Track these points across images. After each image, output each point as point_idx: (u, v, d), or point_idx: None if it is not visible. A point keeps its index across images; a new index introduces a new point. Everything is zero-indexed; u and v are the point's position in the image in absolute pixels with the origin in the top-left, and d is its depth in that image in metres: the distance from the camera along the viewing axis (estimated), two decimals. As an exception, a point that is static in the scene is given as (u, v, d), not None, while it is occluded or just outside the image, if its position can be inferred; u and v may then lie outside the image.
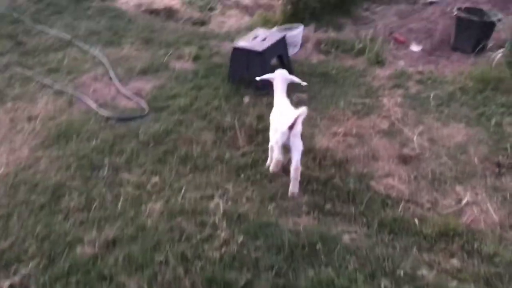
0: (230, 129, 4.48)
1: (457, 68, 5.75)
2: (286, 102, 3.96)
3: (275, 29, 6.27)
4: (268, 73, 4.21)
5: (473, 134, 4.36)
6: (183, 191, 3.64)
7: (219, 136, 4.38)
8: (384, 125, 4.50)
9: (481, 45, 6.38)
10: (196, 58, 5.92)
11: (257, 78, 4.22)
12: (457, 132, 4.39)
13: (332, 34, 6.62)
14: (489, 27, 6.44)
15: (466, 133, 4.37)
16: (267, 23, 6.94)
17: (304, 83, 4.15)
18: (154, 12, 7.39)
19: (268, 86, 4.90)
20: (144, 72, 5.61)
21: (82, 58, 5.87)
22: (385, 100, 4.87)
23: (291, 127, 3.48)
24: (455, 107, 4.77)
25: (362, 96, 5.00)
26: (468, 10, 6.64)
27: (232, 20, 7.17)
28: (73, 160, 3.98)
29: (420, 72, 5.48)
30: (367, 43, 6.01)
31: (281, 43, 5.30)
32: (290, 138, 3.52)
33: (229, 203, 3.53)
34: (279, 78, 4.07)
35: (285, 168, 3.76)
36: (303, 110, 3.44)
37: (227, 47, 6.27)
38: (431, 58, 6.26)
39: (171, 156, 4.07)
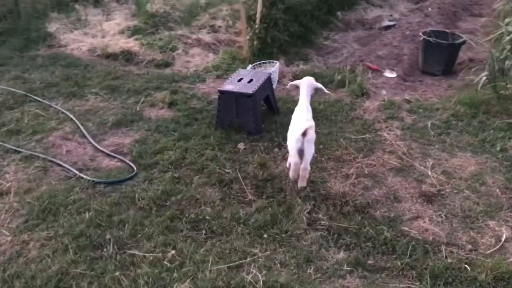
0: (234, 182, 4.14)
1: (440, 93, 5.78)
2: (305, 109, 4.17)
3: (249, 67, 6.02)
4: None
5: (483, 163, 4.30)
6: (207, 263, 3.22)
7: (225, 191, 4.01)
8: (394, 161, 4.33)
9: (452, 67, 6.51)
10: (172, 104, 5.53)
11: (288, 86, 4.56)
12: (467, 162, 4.30)
13: (304, 67, 6.47)
14: (457, 49, 6.58)
15: (476, 163, 4.30)
16: (234, 61, 6.70)
17: (328, 92, 4.59)
18: (110, 56, 6.90)
19: (262, 130, 4.65)
20: (118, 125, 5.13)
21: (44, 114, 5.29)
22: (385, 134, 4.73)
23: (304, 134, 3.75)
24: (455, 135, 4.72)
25: (360, 132, 4.83)
26: (433, 33, 6.74)
27: (197, 59, 6.84)
28: (69, 239, 3.46)
29: (407, 101, 5.43)
30: (346, 74, 5.89)
31: (268, 83, 5.06)
32: (304, 143, 3.78)
33: (263, 271, 3.16)
34: (305, 83, 4.32)
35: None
36: (310, 124, 3.85)
37: (201, 89, 5.95)
38: (408, 84, 6.28)
39: (180, 222, 3.65)
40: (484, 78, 5.13)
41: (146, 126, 5.08)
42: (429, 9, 9.05)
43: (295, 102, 5.23)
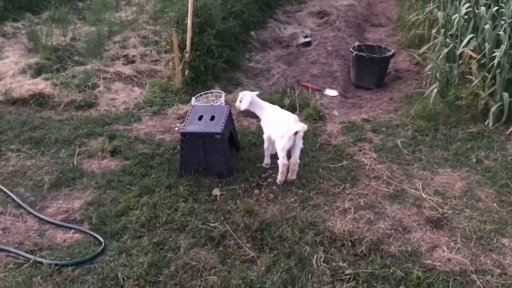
0: (226, 238, 3.66)
1: (388, 109, 5.78)
2: (278, 109, 4.52)
3: (193, 100, 5.50)
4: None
5: (467, 177, 4.31)
6: None
7: (221, 251, 3.51)
8: (383, 188, 4.17)
9: (383, 79, 6.60)
10: (114, 152, 4.82)
11: (241, 108, 4.60)
12: (452, 179, 4.29)
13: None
14: (388, 62, 6.69)
15: (460, 178, 4.30)
16: (167, 93, 6.12)
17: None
18: (17, 102, 5.90)
19: (232, 172, 4.20)
20: (57, 185, 4.34)
21: (-43, 185, 4.27)
22: (362, 159, 4.57)
23: (296, 133, 4.06)
24: (427, 151, 4.72)
25: (336, 159, 4.61)
26: (361, 48, 6.80)
27: (122, 95, 6.12)
28: None
29: (366, 120, 5.31)
30: (296, 98, 5.63)
31: (230, 118, 4.59)
32: (295, 141, 4.13)
33: None
34: (253, 95, 4.57)
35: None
36: (303, 125, 4.14)
37: (140, 130, 5.30)
38: (350, 101, 6.23)
39: (188, 302, 3.06)
40: (436, 89, 5.18)
41: (93, 183, 4.34)
42: (337, 22, 9.21)
43: (254, 134, 4.89)
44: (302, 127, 4.10)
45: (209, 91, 5.73)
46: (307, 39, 8.48)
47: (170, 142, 5.00)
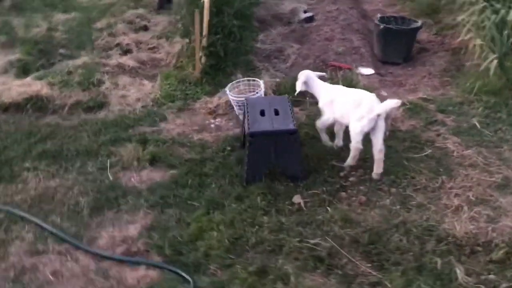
0: (335, 257, 3.05)
1: (434, 85, 5.28)
2: (344, 88, 4.02)
3: (227, 90, 4.77)
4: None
5: None
6: None
7: (341, 276, 2.93)
8: (485, 177, 3.67)
9: (411, 53, 6.16)
10: (154, 160, 4.05)
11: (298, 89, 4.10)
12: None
13: (270, 79, 5.43)
14: (415, 34, 6.21)
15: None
16: (185, 84, 5.35)
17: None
18: (10, 107, 4.96)
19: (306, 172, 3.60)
20: (98, 208, 3.59)
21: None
22: (448, 145, 4.04)
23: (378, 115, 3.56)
24: (508, 130, 4.23)
25: (416, 148, 4.11)
26: (385, 20, 6.28)
27: (133, 91, 5.30)
28: None
29: (425, 99, 4.79)
30: (338, 80, 5.04)
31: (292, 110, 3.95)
32: (377, 122, 3.58)
33: None
34: (309, 75, 4.09)
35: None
36: (396, 101, 3.63)
37: (172, 130, 4.57)
38: (389, 78, 5.72)
39: None
40: (496, 62, 4.73)
41: (143, 201, 3.61)
42: (333, -6, 8.61)
43: (309, 126, 4.29)
44: (391, 104, 3.60)
45: (240, 79, 4.99)
46: (308, 14, 7.84)
47: (214, 143, 4.31)
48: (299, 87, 4.08)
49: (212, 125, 4.65)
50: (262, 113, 3.77)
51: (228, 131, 4.54)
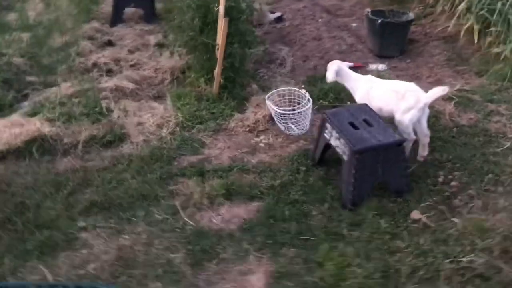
0: (495, 272, 2.83)
1: (453, 74, 5.30)
2: (378, 79, 4.00)
3: (268, 101, 4.37)
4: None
5: None
6: None
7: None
8: None
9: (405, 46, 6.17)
10: (228, 194, 3.55)
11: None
12: None
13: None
14: (410, 26, 6.23)
15: None
16: (202, 102, 4.82)
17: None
18: (10, 155, 4.10)
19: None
20: (197, 264, 3.03)
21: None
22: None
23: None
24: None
25: (494, 142, 4.03)
26: (375, 14, 6.21)
27: (148, 116, 4.64)
28: None
29: (464, 90, 4.77)
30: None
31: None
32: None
33: None
34: (340, 65, 4.10)
35: None
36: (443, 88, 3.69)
37: (221, 156, 4.06)
38: (400, 73, 5.63)
39: None
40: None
41: (247, 245, 3.19)
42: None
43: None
44: (439, 92, 3.66)
45: (279, 89, 4.61)
46: (277, 14, 7.55)
47: (281, 165, 3.90)
48: (331, 76, 4.03)
49: (262, 144, 4.21)
50: (353, 125, 3.43)
51: (285, 148, 4.14)
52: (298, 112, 4.24)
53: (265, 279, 2.88)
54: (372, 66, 5.61)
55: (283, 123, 4.30)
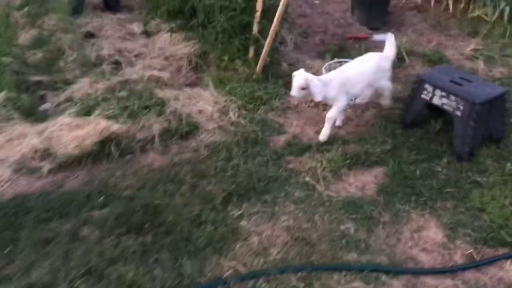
0: None
1: (448, 40, 5.83)
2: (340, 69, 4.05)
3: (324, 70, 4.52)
4: None
5: None
6: None
7: None
8: None
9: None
10: (350, 165, 3.68)
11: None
12: None
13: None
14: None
15: None
16: (252, 83, 4.78)
17: None
18: (84, 159, 3.74)
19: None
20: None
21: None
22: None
23: None
24: None
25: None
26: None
27: (201, 103, 4.47)
28: None
29: (475, 50, 5.32)
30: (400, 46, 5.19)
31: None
32: None
33: None
34: (308, 76, 3.73)
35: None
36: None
37: (308, 133, 4.11)
38: (408, 41, 6.06)
39: None
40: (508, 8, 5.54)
41: (401, 203, 3.29)
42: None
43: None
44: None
45: (330, 62, 4.74)
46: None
47: (374, 131, 4.07)
48: (296, 92, 3.75)
49: (337, 123, 4.32)
50: (456, 83, 3.73)
51: (362, 117, 4.29)
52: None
53: (443, 232, 3.06)
54: (376, 37, 5.95)
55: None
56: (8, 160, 3.66)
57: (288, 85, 4.72)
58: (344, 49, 5.52)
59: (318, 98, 3.73)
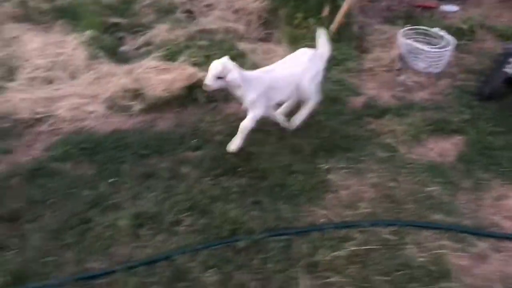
0: None
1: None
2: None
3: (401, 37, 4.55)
4: None
5: None
6: None
7: None
8: None
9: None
10: (430, 131, 3.77)
11: None
12: None
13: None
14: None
15: None
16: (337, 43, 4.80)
17: None
18: (173, 101, 3.87)
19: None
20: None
21: None
22: None
23: None
24: None
25: None
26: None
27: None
28: None
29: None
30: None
31: None
32: None
33: None
34: (227, 64, 3.21)
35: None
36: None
37: (383, 96, 4.18)
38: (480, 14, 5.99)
39: None
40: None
41: (482, 172, 3.40)
42: None
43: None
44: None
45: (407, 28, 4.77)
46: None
47: (449, 100, 4.16)
48: (210, 82, 3.17)
49: (410, 83, 4.40)
50: None
51: (437, 86, 4.36)
52: (443, 51, 4.44)
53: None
54: (444, 7, 5.91)
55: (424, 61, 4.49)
56: (100, 97, 3.81)
57: (359, 48, 4.84)
58: (411, 17, 5.49)
59: (236, 92, 3.26)
